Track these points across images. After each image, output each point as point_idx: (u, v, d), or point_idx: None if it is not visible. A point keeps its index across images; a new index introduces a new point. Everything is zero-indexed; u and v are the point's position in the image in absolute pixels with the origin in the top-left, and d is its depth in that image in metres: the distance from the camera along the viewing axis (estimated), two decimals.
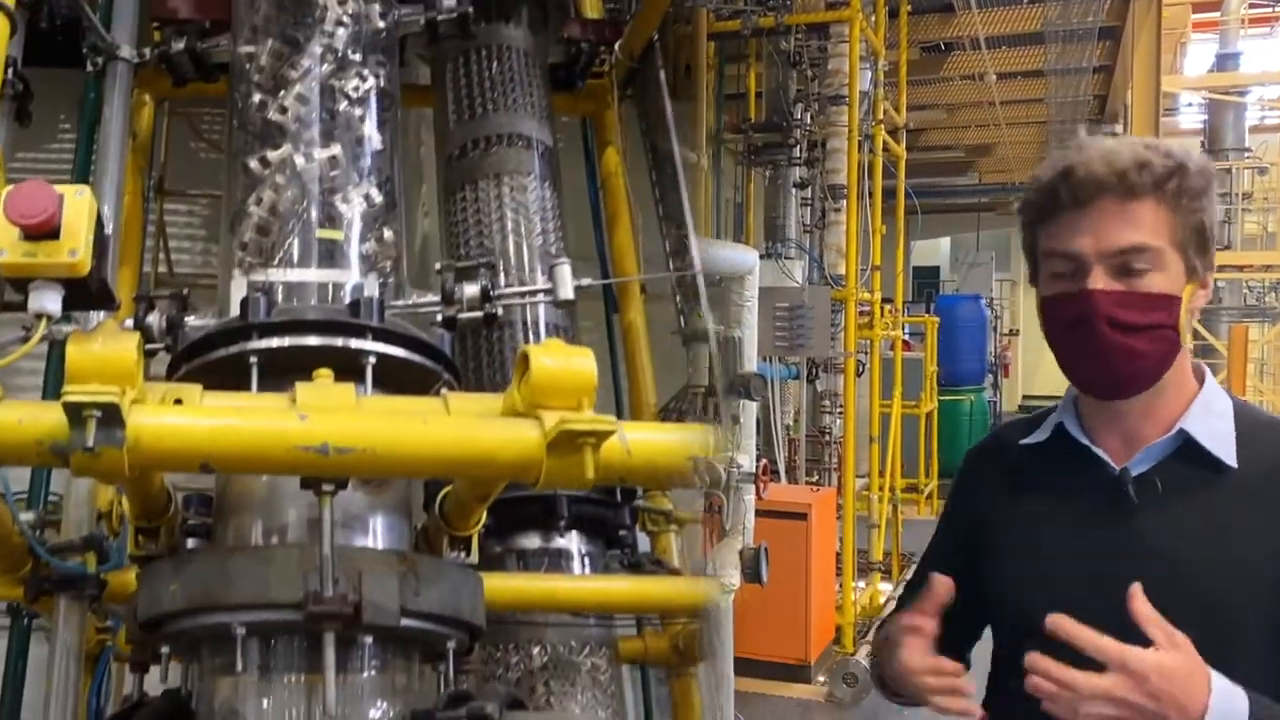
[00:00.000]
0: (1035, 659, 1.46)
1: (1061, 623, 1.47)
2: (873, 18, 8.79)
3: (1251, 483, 1.64)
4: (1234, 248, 15.98)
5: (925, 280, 22.33)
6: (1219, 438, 1.67)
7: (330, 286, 2.17)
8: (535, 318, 2.82)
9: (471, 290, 2.08)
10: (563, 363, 1.43)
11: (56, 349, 2.69)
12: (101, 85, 2.96)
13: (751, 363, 5.54)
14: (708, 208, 6.85)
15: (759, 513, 5.05)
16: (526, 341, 2.76)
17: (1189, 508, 1.65)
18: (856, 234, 8.19)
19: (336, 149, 2.24)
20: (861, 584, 8.25)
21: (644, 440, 1.51)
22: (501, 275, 2.88)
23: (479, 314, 2.06)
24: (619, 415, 3.51)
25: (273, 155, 2.29)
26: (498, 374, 2.68)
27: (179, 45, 2.88)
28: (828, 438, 8.75)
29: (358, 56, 2.40)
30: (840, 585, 7.50)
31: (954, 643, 1.83)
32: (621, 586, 2.46)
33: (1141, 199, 1.60)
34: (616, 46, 3.56)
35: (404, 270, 2.27)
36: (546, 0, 3.39)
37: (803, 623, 6.96)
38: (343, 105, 2.33)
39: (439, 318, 2.09)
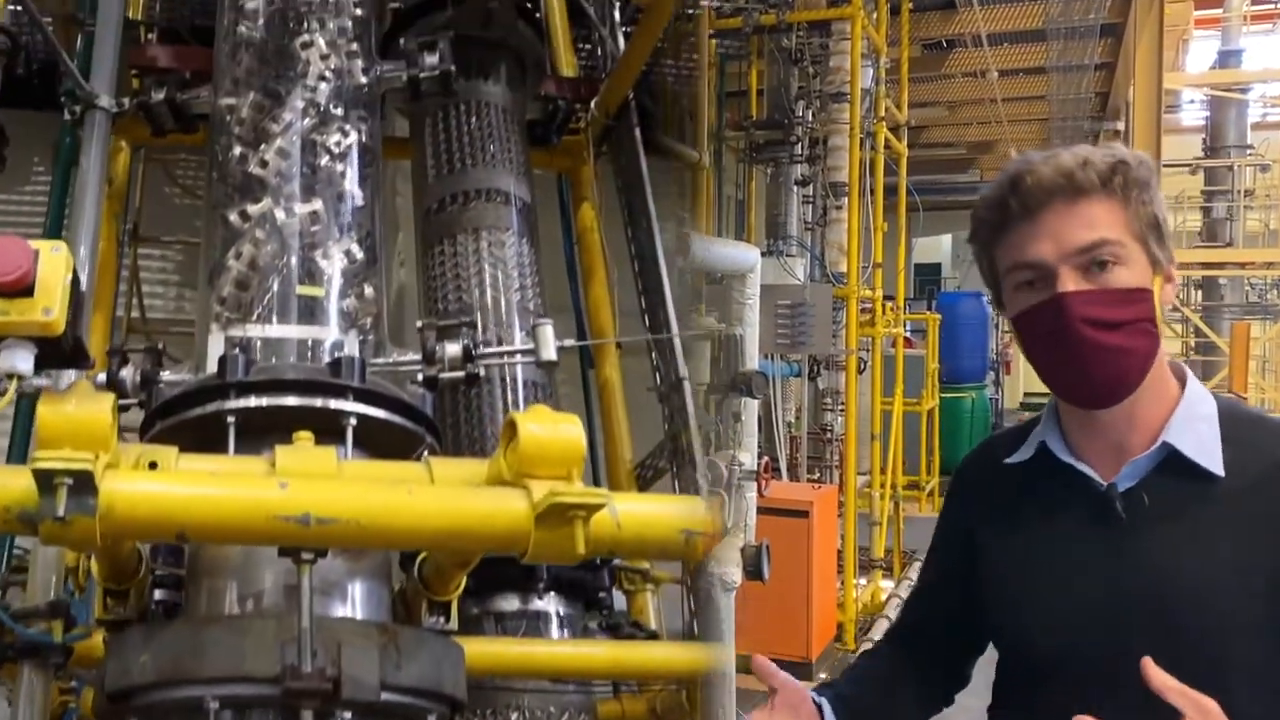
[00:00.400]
0: None
1: (1149, 669, 1.44)
2: (874, 15, 8.83)
3: (1238, 492, 1.61)
4: (1236, 245, 16.06)
5: (926, 277, 22.46)
6: (1204, 446, 1.64)
7: (310, 343, 2.13)
8: (514, 375, 2.80)
9: (453, 349, 2.05)
10: (551, 431, 1.40)
11: (25, 406, 2.64)
12: (78, 133, 2.93)
13: (753, 360, 5.49)
14: (709, 206, 6.85)
15: (760, 510, 5.03)
16: (506, 399, 2.73)
17: (1178, 523, 1.62)
18: (858, 231, 8.20)
19: (317, 204, 2.22)
20: (863, 581, 8.31)
21: (634, 513, 1.47)
22: (480, 330, 2.86)
23: (460, 374, 2.02)
24: (594, 471, 3.52)
25: (253, 209, 2.26)
26: (476, 430, 2.65)
27: (159, 95, 2.85)
28: (829, 435, 8.75)
29: (340, 111, 2.38)
30: (842, 582, 7.56)
31: (958, 656, 1.88)
32: (601, 652, 2.41)
33: (1091, 196, 1.59)
34: (592, 104, 3.58)
35: (384, 327, 2.24)
36: (524, 58, 3.41)
37: (804, 620, 6.92)
38: (324, 160, 2.31)
39: (420, 377, 2.05)
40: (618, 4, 3.93)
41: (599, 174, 3.78)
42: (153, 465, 1.51)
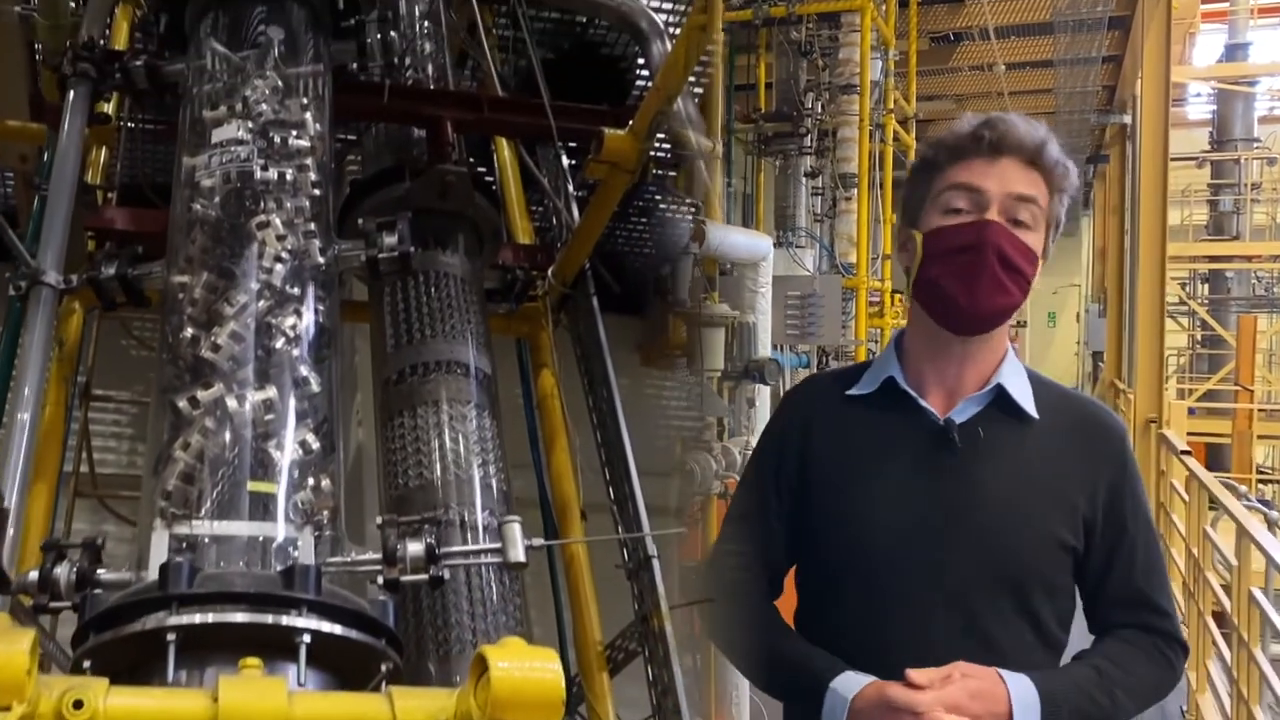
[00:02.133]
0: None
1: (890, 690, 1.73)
2: (883, 7, 8.91)
3: (1052, 433, 1.89)
4: (1242, 238, 16.14)
5: None
6: (1023, 392, 1.91)
7: (261, 542, 1.99)
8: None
9: (415, 549, 1.92)
10: (526, 671, 1.27)
11: None
12: (24, 308, 2.81)
13: (766, 348, 5.65)
14: (719, 197, 6.90)
15: None
16: (471, 594, 2.58)
17: (1002, 455, 1.87)
18: (867, 223, 8.16)
19: (271, 391, 2.10)
20: None
21: None
22: (442, 510, 2.74)
23: (423, 577, 1.89)
24: (563, 652, 3.37)
25: (203, 395, 2.14)
26: (440, 632, 2.50)
27: (109, 270, 2.75)
28: None
29: (296, 291, 2.29)
30: None
31: (773, 573, 2.06)
32: None
33: (1038, 169, 1.84)
34: (550, 272, 3.54)
35: (342, 522, 2.11)
36: (481, 227, 3.37)
37: (784, 610, 6.57)
38: (279, 343, 2.20)
39: (379, 580, 1.91)
40: (570, 178, 3.94)
41: (558, 342, 3.74)
42: (78, 704, 1.36)
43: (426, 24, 3.67)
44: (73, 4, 3.51)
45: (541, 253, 3.71)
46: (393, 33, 2.79)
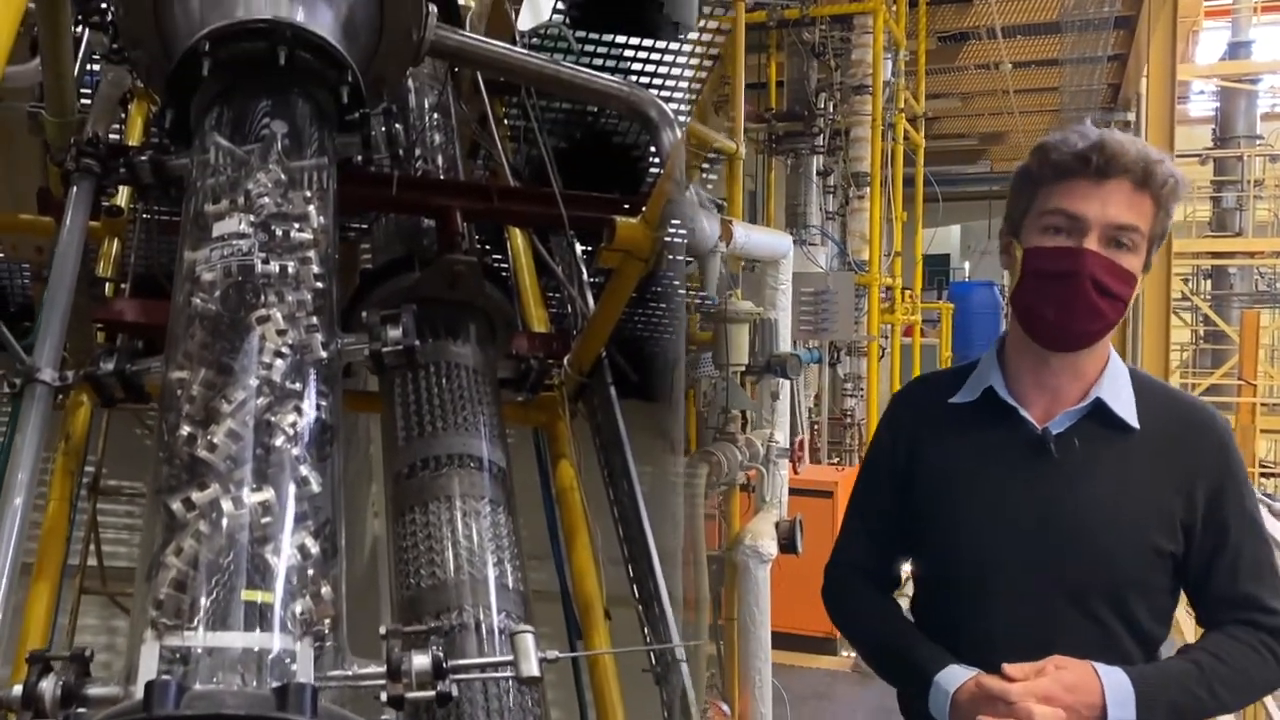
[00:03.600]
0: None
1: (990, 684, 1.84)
2: (894, 8, 8.94)
3: (1152, 440, 1.94)
4: (1245, 234, 16.06)
5: (935, 268, 22.39)
6: (1125, 403, 1.96)
7: (257, 654, 1.87)
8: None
9: (421, 662, 1.80)
10: None
11: None
12: (19, 405, 2.73)
13: (786, 343, 5.77)
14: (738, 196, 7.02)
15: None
16: (486, 704, 2.43)
17: (1100, 464, 1.94)
18: (880, 220, 8.20)
19: (269, 493, 1.99)
20: None
21: None
22: (455, 613, 2.62)
23: (430, 693, 1.76)
24: None
25: (198, 497, 2.03)
26: None
27: (108, 366, 2.68)
28: (849, 419, 8.70)
29: (297, 386, 2.19)
30: None
31: (889, 567, 2.20)
32: None
33: (1145, 190, 1.86)
34: (566, 360, 3.45)
35: (343, 631, 1.98)
36: (493, 316, 3.29)
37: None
38: (279, 441, 2.10)
39: (384, 696, 1.79)
40: (585, 266, 3.88)
41: (577, 433, 3.63)
42: None
43: (436, 115, 3.64)
44: (84, 100, 3.51)
45: (557, 341, 3.63)
46: (398, 125, 2.74)
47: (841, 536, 2.31)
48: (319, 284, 2.33)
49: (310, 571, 1.95)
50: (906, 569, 2.31)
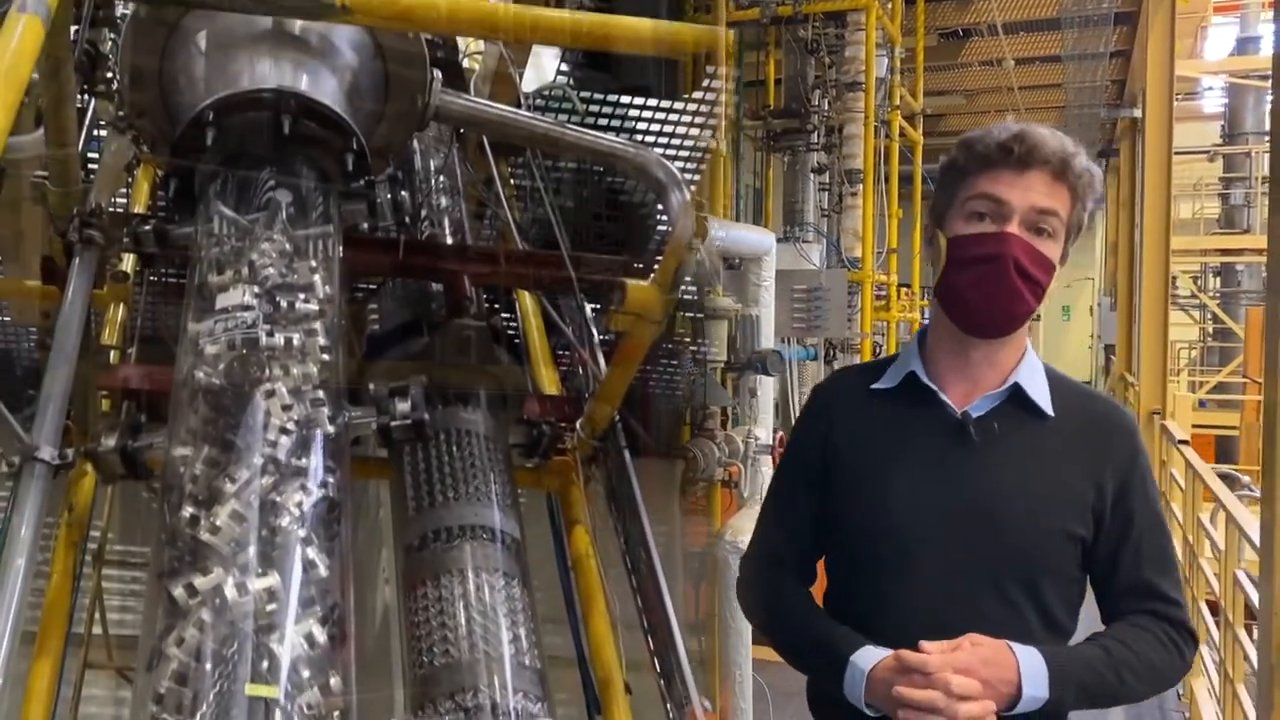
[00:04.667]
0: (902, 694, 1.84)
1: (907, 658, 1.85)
2: (889, 5, 8.96)
3: (1066, 429, 2.01)
4: (1252, 231, 15.81)
5: None
6: (1040, 390, 2.02)
7: None
8: None
9: None
10: None
11: None
12: (17, 484, 2.67)
13: (769, 340, 5.75)
14: (728, 194, 6.89)
15: None
16: None
17: (1017, 449, 2.00)
18: (873, 217, 8.14)
19: (274, 579, 1.93)
20: None
21: None
22: (470, 694, 2.54)
23: None
24: None
25: (201, 583, 1.96)
26: None
27: (109, 443, 2.62)
28: None
29: (303, 463, 2.14)
30: None
31: (804, 559, 2.21)
32: None
33: (1064, 180, 1.93)
34: (578, 424, 3.39)
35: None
36: (503, 380, 3.24)
37: (816, 590, 6.51)
38: (284, 522, 2.04)
39: None
40: (595, 326, 3.83)
41: (591, 498, 3.56)
42: None
43: (442, 178, 3.61)
44: (91, 165, 3.50)
45: (569, 404, 3.55)
46: (404, 192, 2.70)
47: (758, 528, 2.32)
48: (325, 356, 2.29)
49: (317, 662, 1.88)
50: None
